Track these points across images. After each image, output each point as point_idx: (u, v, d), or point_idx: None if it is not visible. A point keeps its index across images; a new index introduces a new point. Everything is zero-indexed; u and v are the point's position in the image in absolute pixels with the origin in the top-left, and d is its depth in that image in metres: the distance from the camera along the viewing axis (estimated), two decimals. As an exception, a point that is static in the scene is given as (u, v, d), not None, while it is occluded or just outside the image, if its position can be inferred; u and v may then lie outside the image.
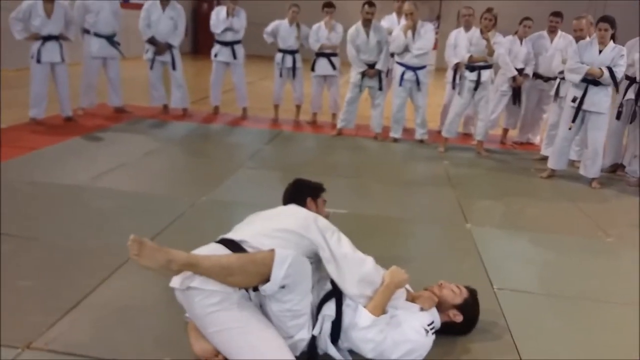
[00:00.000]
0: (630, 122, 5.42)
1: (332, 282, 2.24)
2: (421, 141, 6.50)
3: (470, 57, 5.75)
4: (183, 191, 4.20)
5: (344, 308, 2.19)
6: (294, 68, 7.04)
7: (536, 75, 6.40)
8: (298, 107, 7.37)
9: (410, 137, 6.57)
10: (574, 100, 4.98)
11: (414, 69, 6.15)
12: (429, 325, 2.25)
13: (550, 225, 4.11)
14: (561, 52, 5.71)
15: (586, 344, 2.52)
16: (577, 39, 5.53)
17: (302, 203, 2.61)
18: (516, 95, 6.47)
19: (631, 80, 5.33)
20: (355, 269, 2.23)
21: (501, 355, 2.38)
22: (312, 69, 6.97)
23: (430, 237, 3.75)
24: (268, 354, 1.97)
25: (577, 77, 4.84)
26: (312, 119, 7.35)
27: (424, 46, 6.08)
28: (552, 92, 5.81)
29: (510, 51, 6.18)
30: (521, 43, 6.31)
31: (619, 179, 5.55)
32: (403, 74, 6.17)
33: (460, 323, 2.38)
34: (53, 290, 2.57)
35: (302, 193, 2.71)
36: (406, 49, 6.08)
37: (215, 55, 7.07)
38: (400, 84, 6.21)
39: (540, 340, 2.50)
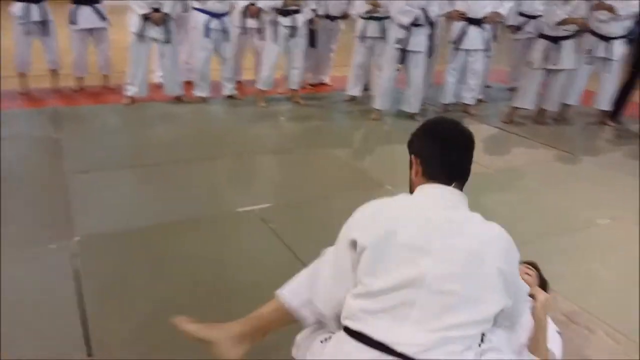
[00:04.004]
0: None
1: None
2: (231, 97, 5.82)
3: (284, 1, 5.28)
4: (28, 233, 2.77)
5: None
6: (43, 22, 5.24)
7: (325, 15, 6.35)
8: (54, 72, 5.62)
9: (216, 94, 5.81)
10: (399, 42, 5.16)
11: (219, 15, 5.33)
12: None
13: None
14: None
15: None
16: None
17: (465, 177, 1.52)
18: (313, 37, 6.32)
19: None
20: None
21: None
22: (72, 22, 5.32)
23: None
24: None
25: (408, 20, 4.98)
26: (78, 85, 5.74)
27: (229, -12, 5.28)
28: (358, 34, 5.86)
29: (305, -9, 5.91)
30: (312, -18, 6.07)
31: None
32: (208, 22, 5.28)
33: None
34: None
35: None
36: (208, -8, 5.18)
37: None
38: (207, 35, 5.32)
39: None
